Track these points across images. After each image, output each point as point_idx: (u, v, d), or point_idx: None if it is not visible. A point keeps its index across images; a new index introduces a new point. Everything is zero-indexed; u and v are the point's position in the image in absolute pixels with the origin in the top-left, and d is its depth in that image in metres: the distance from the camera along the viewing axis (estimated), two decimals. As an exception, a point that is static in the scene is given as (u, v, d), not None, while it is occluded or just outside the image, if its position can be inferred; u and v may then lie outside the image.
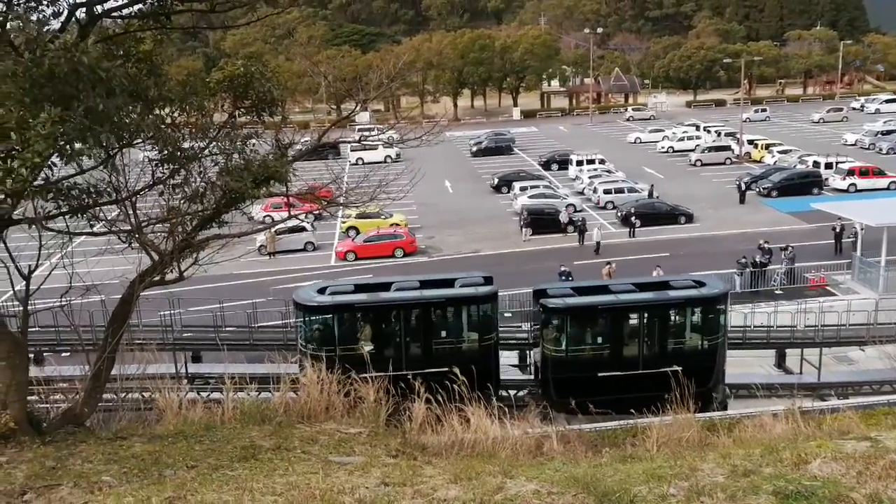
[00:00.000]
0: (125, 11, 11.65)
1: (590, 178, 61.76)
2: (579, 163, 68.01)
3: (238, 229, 14.21)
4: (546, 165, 74.38)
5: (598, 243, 44.21)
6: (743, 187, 58.15)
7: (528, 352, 28.66)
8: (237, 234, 14.07)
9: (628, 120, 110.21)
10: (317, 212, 19.62)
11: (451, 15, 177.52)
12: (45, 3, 9.90)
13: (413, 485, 10.23)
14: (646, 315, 25.03)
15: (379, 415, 15.77)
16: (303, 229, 45.16)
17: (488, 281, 26.09)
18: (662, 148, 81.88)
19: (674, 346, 25.02)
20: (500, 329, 26.79)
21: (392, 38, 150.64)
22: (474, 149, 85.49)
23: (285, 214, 20.29)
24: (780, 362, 31.29)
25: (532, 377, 26.86)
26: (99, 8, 11.30)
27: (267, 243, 44.46)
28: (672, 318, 25.51)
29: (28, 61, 8.24)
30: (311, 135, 18.88)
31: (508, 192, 61.02)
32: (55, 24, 10.48)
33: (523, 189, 58.40)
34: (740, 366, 28.67)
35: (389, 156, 69.76)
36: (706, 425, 14.72)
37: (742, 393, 26.22)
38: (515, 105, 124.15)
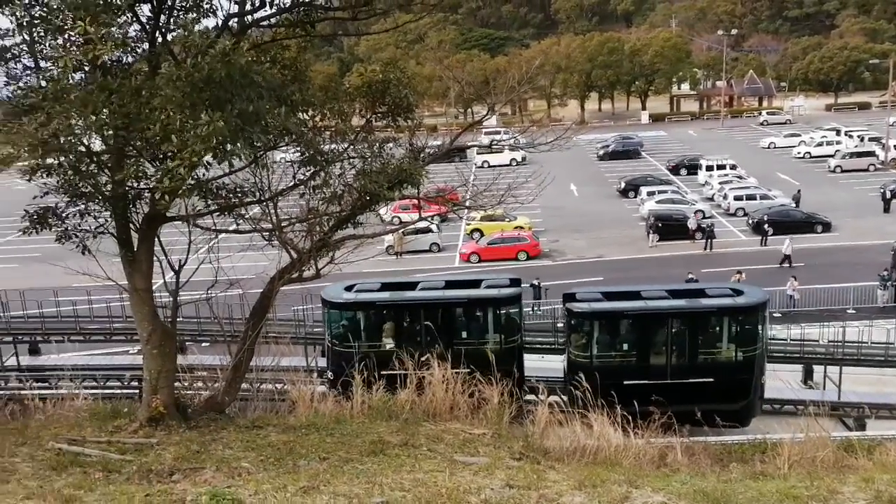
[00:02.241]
0: (273, 20, 12.23)
1: (720, 183, 59.88)
2: (709, 168, 66.05)
3: (372, 230, 14.66)
4: (674, 170, 72.66)
5: (786, 256, 42.03)
6: (888, 195, 54.81)
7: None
8: (371, 235, 14.52)
9: (762, 124, 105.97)
10: (444, 214, 19.96)
11: (580, 18, 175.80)
12: (203, 14, 10.56)
13: (537, 489, 10.27)
14: (675, 323, 23.91)
15: (502, 417, 15.90)
16: (429, 230, 45.84)
17: (515, 284, 25.94)
18: (798, 153, 78.25)
19: (705, 356, 23.89)
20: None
21: (520, 42, 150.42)
22: (601, 152, 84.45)
23: (413, 216, 20.74)
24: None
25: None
26: (249, 18, 11.94)
27: (394, 244, 45.43)
28: (703, 327, 24.37)
29: (190, 67, 8.81)
30: (441, 138, 19.20)
31: (635, 196, 60.01)
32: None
33: (650, 194, 57.31)
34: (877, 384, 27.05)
35: (515, 159, 69.86)
36: (842, 446, 14.00)
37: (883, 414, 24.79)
38: (644, 109, 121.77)
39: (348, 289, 24.38)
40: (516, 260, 45.38)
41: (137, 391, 23.92)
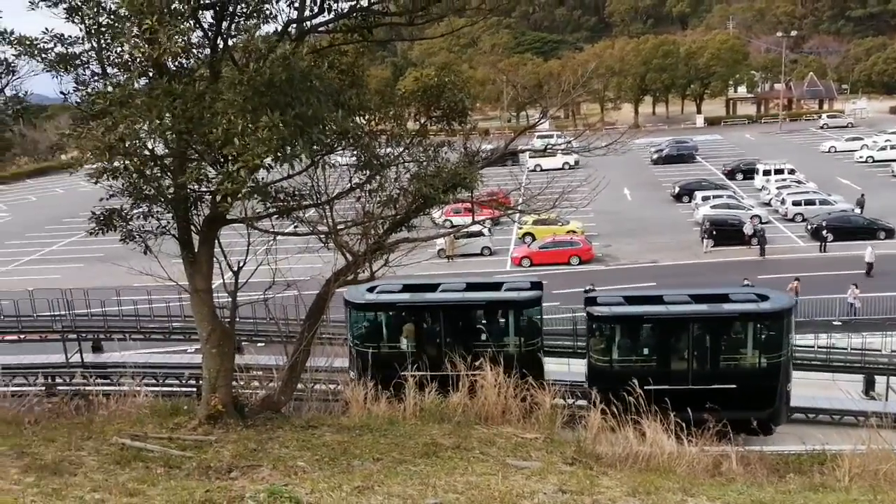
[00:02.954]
0: (331, 26, 12.41)
1: (777, 188, 58.69)
2: (766, 172, 64.78)
3: (426, 233, 14.77)
4: (730, 175, 71.43)
5: (870, 264, 40.91)
6: (955, 202, 53.17)
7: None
8: (425, 238, 14.63)
9: (822, 128, 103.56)
10: (497, 217, 19.98)
11: (634, 21, 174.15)
12: (263, 20, 10.78)
13: (591, 494, 10.23)
14: (696, 328, 23.49)
15: (554, 421, 15.86)
16: (480, 234, 45.87)
17: (537, 287, 25.49)
18: (861, 157, 76.28)
19: (726, 362, 23.45)
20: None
21: (574, 46, 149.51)
22: (655, 156, 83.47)
23: (464, 219, 20.69)
24: None
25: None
26: (308, 23, 12.14)
27: (446, 246, 45.59)
28: (725, 332, 23.93)
29: (252, 71, 9.01)
30: (494, 142, 19.22)
31: (689, 201, 59.18)
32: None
33: (705, 199, 56.44)
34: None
35: (568, 162, 69.46)
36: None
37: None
38: (699, 112, 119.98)
39: (370, 290, 24.54)
40: (568, 264, 45.10)
41: (195, 389, 24.46)
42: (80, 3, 10.44)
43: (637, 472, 12.86)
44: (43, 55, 10.79)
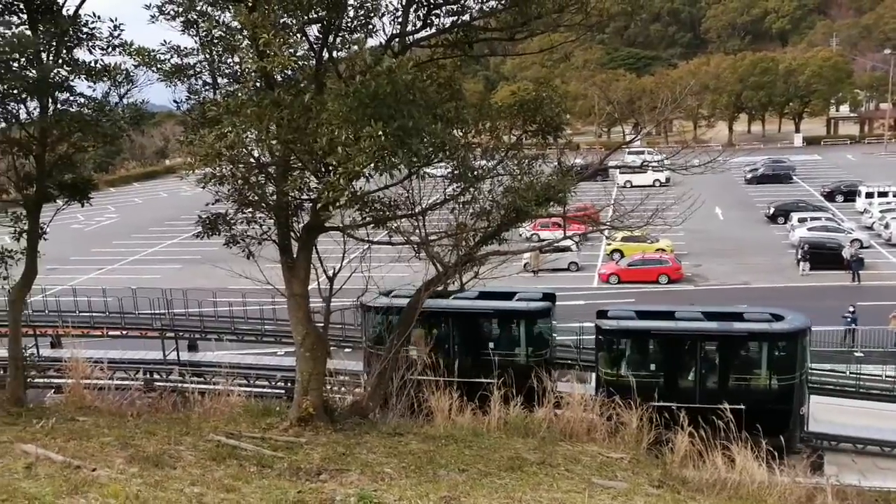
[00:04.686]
0: (432, 41, 12.64)
1: (881, 211, 56.30)
2: (869, 195, 62.20)
3: (517, 247, 14.84)
4: (830, 196, 68.91)
5: None
6: None
7: None
8: (515, 251, 14.70)
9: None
10: (586, 232, 19.86)
11: (731, 37, 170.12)
12: (368, 34, 11.08)
13: (679, 519, 10.06)
14: (705, 346, 22.99)
15: (640, 441, 15.64)
16: (567, 249, 45.52)
17: (549, 298, 25.22)
18: (973, 182, 72.81)
19: (736, 382, 22.67)
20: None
21: (668, 62, 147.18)
22: (749, 176, 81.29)
23: (552, 234, 20.42)
24: None
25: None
26: (410, 38, 12.40)
27: (532, 261, 45.40)
28: (735, 351, 23.17)
29: (358, 83, 9.27)
30: (584, 157, 19.14)
31: (785, 222, 57.37)
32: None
33: (802, 220, 54.54)
34: None
35: (658, 180, 68.32)
36: None
37: None
38: (797, 131, 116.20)
39: (386, 294, 24.67)
40: (657, 283, 44.29)
41: (284, 391, 25.04)
42: (196, 17, 10.93)
43: (726, 499, 12.58)
44: (159, 65, 11.35)
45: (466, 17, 12.08)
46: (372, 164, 9.60)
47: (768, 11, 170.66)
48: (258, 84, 10.96)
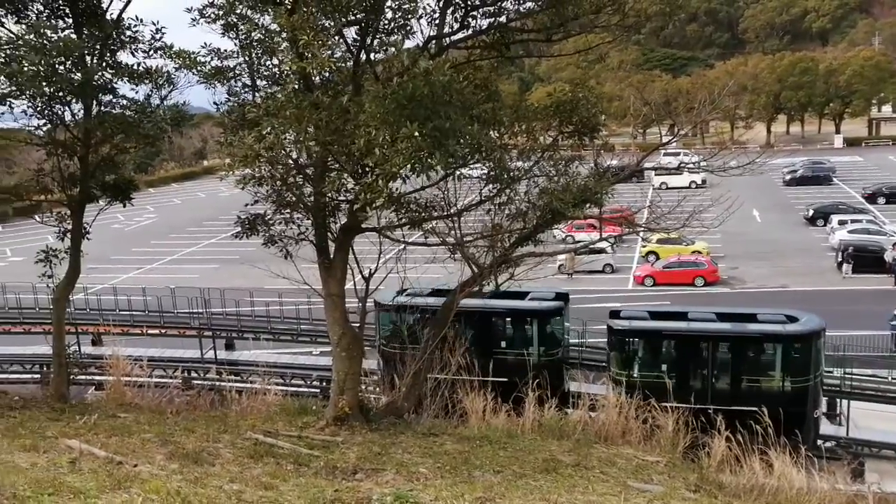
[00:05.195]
0: (469, 42, 12.67)
1: (924, 214, 55.43)
2: (913, 197, 61.28)
3: (552, 248, 14.81)
4: (871, 198, 67.72)
5: None
6: None
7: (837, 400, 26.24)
8: (551, 253, 14.67)
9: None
10: (621, 234, 19.75)
11: (769, 37, 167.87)
12: (405, 36, 11.14)
13: (717, 523, 9.97)
14: (717, 347, 22.64)
15: (676, 445, 15.51)
16: (602, 251, 45.26)
17: (562, 298, 25.00)
18: None
19: (749, 384, 22.30)
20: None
21: (705, 63, 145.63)
22: (788, 177, 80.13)
23: (587, 235, 20.34)
24: None
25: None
26: (447, 40, 12.44)
27: (566, 262, 45.23)
28: (748, 352, 22.82)
29: (396, 85, 9.34)
30: (619, 158, 19.04)
31: (824, 225, 56.49)
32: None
33: (842, 223, 53.67)
34: None
35: (695, 181, 67.65)
36: None
37: None
38: (838, 132, 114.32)
39: (400, 293, 24.71)
40: (692, 286, 43.86)
41: (319, 390, 25.22)
42: (236, 20, 11.08)
43: (763, 505, 12.44)
44: (200, 68, 11.52)
45: (503, 19, 12.11)
46: (409, 166, 9.65)
47: (808, 11, 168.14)
48: (297, 86, 11.07)
